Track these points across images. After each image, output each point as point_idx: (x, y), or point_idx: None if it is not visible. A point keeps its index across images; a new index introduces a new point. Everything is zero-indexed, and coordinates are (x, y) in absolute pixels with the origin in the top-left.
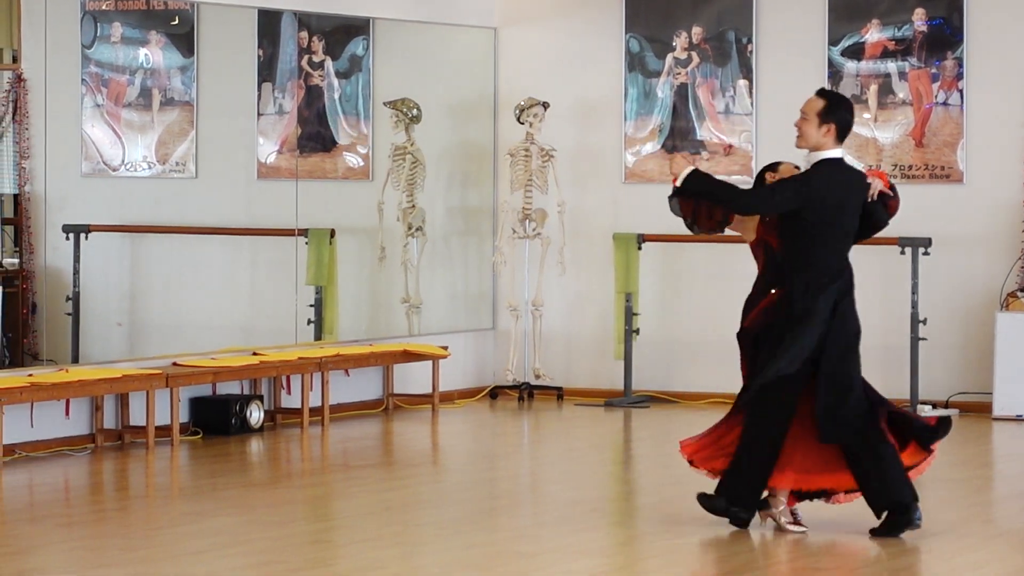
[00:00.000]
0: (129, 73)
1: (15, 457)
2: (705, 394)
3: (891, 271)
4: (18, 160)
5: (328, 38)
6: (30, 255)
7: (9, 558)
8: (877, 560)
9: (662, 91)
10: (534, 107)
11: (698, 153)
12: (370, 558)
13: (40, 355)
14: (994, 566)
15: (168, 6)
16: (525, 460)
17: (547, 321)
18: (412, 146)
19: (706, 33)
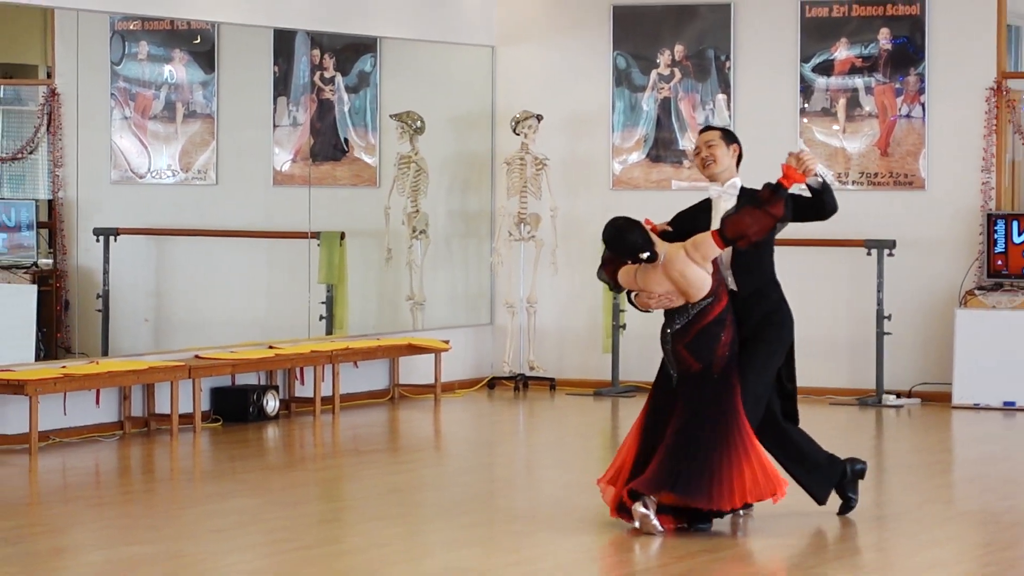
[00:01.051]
0: (155, 88)
1: (49, 443)
2: None
3: (858, 271)
4: (52, 168)
5: (338, 55)
6: (63, 256)
7: (45, 536)
8: (845, 537)
9: (647, 104)
10: (529, 119)
11: (679, 163)
12: (377, 536)
13: (72, 348)
14: (954, 543)
15: (191, 26)
16: (520, 445)
17: (541, 317)
18: (416, 155)
19: (687, 51)
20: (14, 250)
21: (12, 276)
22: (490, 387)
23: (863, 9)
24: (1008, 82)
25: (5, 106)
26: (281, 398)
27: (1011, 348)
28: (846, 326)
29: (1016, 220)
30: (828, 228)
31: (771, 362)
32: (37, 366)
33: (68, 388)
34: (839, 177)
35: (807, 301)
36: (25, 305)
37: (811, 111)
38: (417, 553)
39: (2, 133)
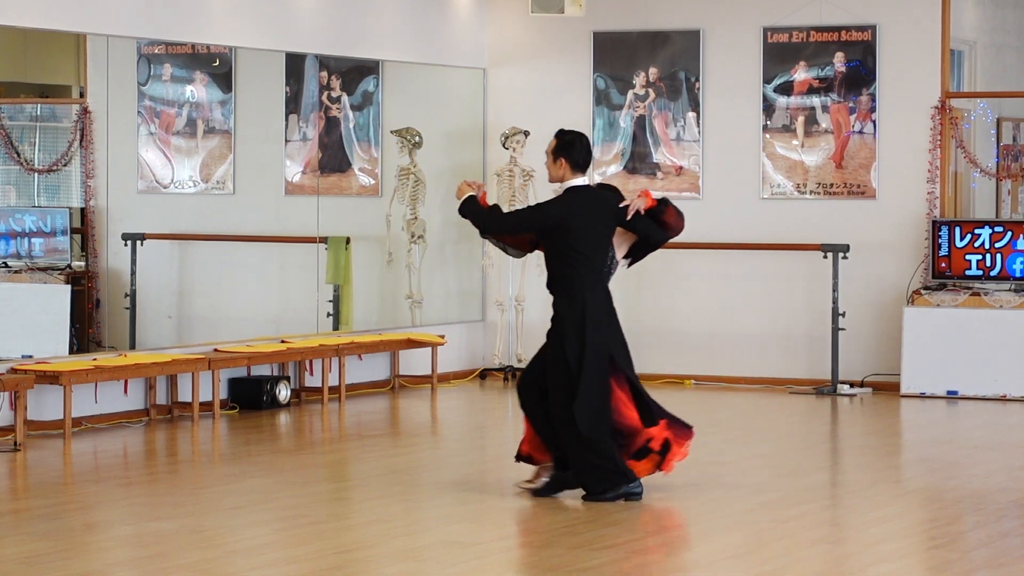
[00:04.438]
0: (177, 106)
1: (82, 429)
2: (660, 375)
3: (815, 272)
4: (85, 179)
5: (344, 77)
6: (94, 259)
7: (78, 512)
8: (803, 514)
9: (624, 121)
10: (517, 135)
11: (654, 175)
12: (380, 512)
13: (103, 343)
14: (903, 519)
15: (210, 50)
16: (509, 431)
17: (528, 314)
18: (415, 168)
19: (661, 73)
20: (50, 253)
21: (48, 277)
22: (481, 378)
23: (820, 35)
24: (951, 101)
25: (42, 123)
26: (292, 387)
27: (954, 342)
28: (804, 322)
29: (959, 226)
30: (788, 233)
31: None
32: (71, 359)
33: (99, 379)
34: (798, 187)
35: (768, 299)
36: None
37: (773, 127)
38: (416, 528)
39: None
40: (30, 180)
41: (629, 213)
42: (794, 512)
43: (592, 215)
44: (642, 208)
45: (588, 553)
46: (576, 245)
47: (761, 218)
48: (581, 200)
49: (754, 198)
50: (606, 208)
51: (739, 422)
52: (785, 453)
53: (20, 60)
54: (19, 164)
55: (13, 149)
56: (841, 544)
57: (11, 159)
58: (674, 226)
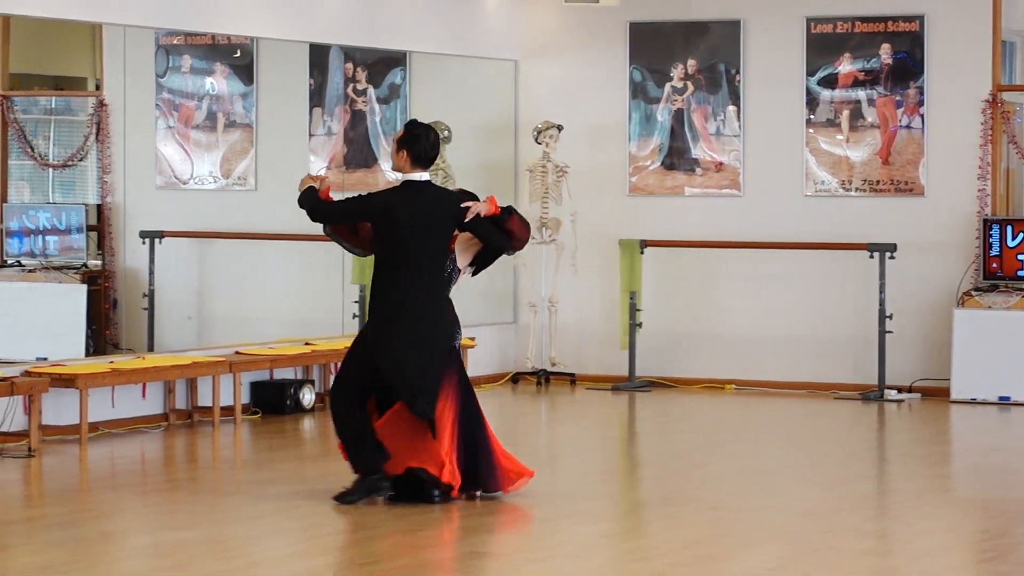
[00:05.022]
0: (197, 99)
1: (98, 434)
2: (700, 379)
3: (861, 273)
4: (101, 175)
5: (370, 69)
6: (111, 257)
7: (94, 521)
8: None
9: (661, 115)
10: (550, 129)
11: (692, 171)
12: (405, 521)
13: (120, 344)
14: (952, 530)
15: (231, 41)
16: (542, 436)
17: (561, 316)
18: (443, 163)
19: (700, 65)
20: (65, 252)
21: (63, 276)
22: (514, 382)
23: (865, 25)
24: (1003, 94)
25: (56, 116)
26: (317, 391)
27: (1006, 346)
28: (849, 325)
29: (1011, 225)
30: (832, 232)
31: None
32: (87, 361)
33: (116, 382)
34: (843, 184)
35: (812, 301)
36: (76, 304)
37: (816, 122)
38: (444, 538)
39: (54, 142)
40: (44, 176)
41: (468, 215)
42: (838, 523)
43: (424, 212)
44: (483, 212)
45: (625, 565)
46: (402, 240)
47: (804, 216)
48: (414, 195)
49: (797, 195)
50: (442, 207)
51: (781, 429)
52: (829, 461)
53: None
54: (33, 159)
55: (27, 143)
56: (888, 556)
57: (25, 154)
58: (519, 235)
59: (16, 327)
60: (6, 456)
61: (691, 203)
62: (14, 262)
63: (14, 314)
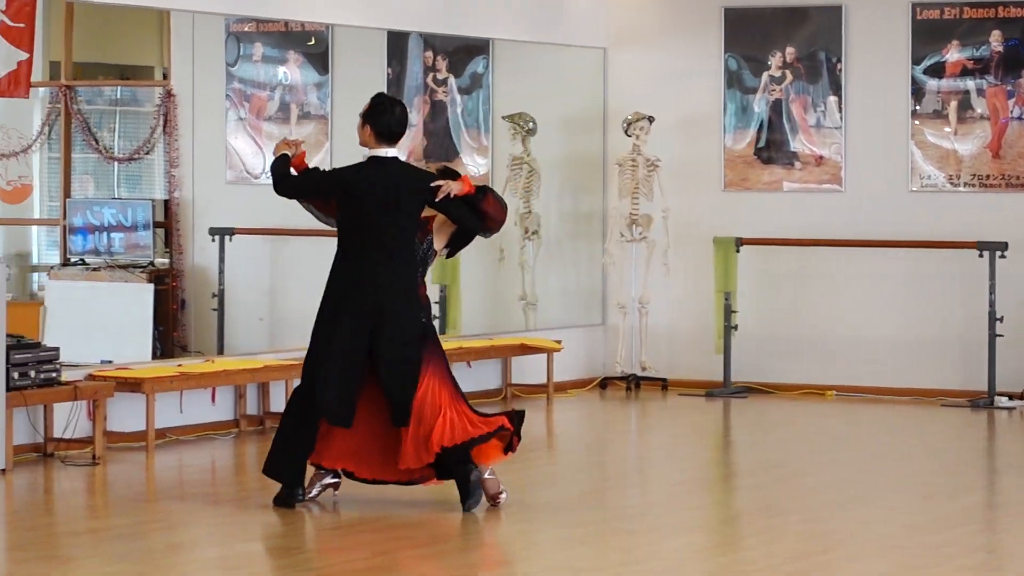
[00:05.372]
0: (269, 89)
1: (166, 440)
2: (799, 385)
3: (970, 272)
4: (168, 168)
5: (451, 57)
6: (179, 255)
7: (161, 532)
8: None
9: (758, 106)
10: (640, 121)
11: (791, 164)
12: (489, 535)
13: (188, 347)
14: None
15: (305, 28)
16: (632, 445)
17: (652, 317)
18: (528, 156)
19: (799, 53)
20: (131, 249)
21: (129, 275)
22: (602, 387)
23: (975, 11)
24: None
25: (122, 107)
26: None
27: None
28: (957, 327)
29: None
30: (939, 229)
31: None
32: (154, 364)
33: (184, 386)
34: (950, 179)
35: (918, 302)
36: (142, 304)
37: (922, 113)
38: (529, 551)
39: (119, 134)
40: (109, 170)
41: (439, 195)
42: (946, 537)
43: (389, 189)
44: (455, 191)
45: None
46: (365, 218)
47: (910, 213)
48: (379, 171)
49: (902, 191)
50: (410, 185)
51: (885, 437)
52: (936, 472)
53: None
54: (98, 152)
55: (91, 136)
56: (998, 572)
57: (89, 147)
58: (493, 216)
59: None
60: (69, 464)
61: (789, 199)
62: (78, 260)
63: (78, 315)
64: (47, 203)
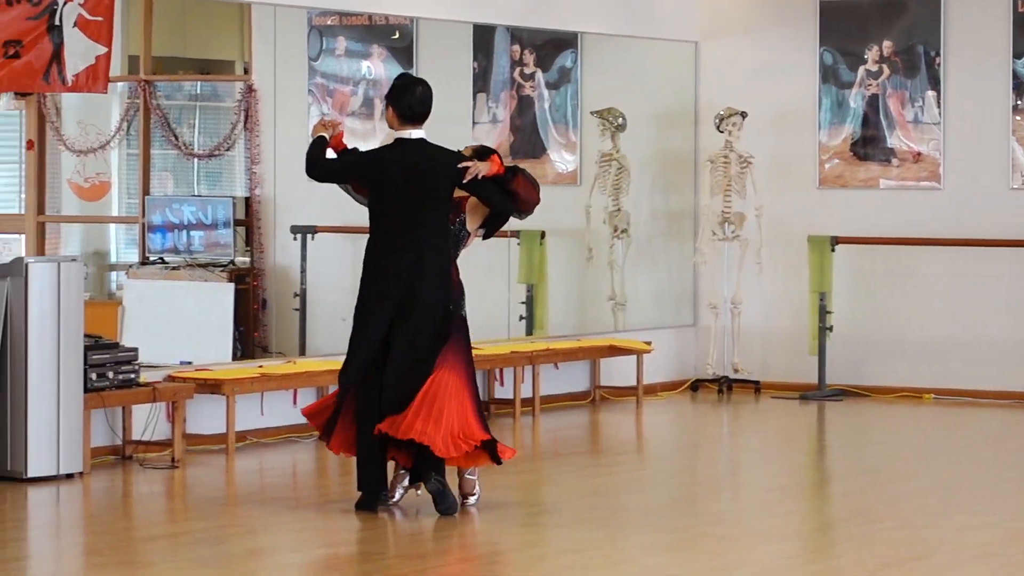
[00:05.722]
0: (352, 84)
1: (246, 443)
2: (895, 388)
3: None
4: (249, 165)
5: (539, 51)
6: (260, 254)
7: (241, 537)
8: None
9: (854, 101)
10: (733, 116)
11: (888, 161)
12: (577, 540)
13: (269, 348)
14: None
15: (389, 21)
16: (724, 449)
17: (745, 318)
18: (618, 153)
19: (896, 47)
20: (211, 248)
21: (209, 275)
22: (693, 389)
23: None
24: None
25: (202, 102)
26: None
27: None
28: None
29: None
30: None
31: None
32: (234, 365)
33: (265, 388)
34: None
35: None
36: (222, 304)
37: (1023, 108)
38: (617, 557)
39: (199, 130)
40: (189, 166)
41: (467, 176)
42: None
43: (415, 171)
44: (483, 172)
45: None
46: (392, 200)
47: (1010, 210)
48: (405, 153)
49: (1002, 188)
50: (437, 166)
51: (985, 442)
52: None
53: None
54: (177, 148)
55: (171, 132)
56: None
57: (168, 143)
58: (524, 198)
59: (158, 329)
60: (148, 467)
61: (886, 196)
62: (156, 259)
63: (156, 315)
64: (125, 200)
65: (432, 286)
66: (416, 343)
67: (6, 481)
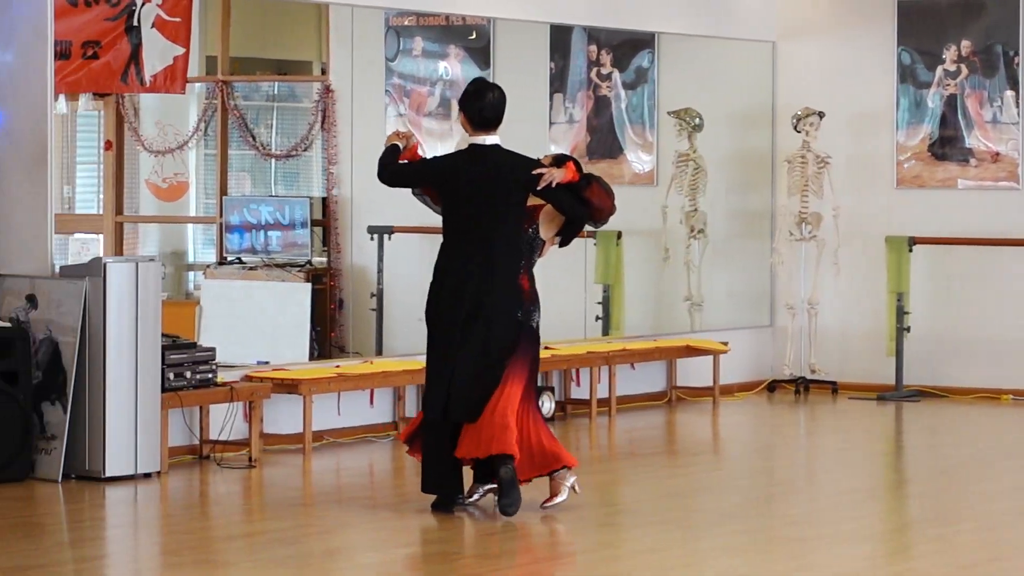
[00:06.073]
0: (429, 84)
1: (323, 443)
2: (973, 389)
3: None
4: (326, 165)
5: (616, 51)
6: (337, 254)
7: (318, 537)
8: None
9: (932, 101)
10: (810, 116)
11: (966, 161)
12: (652, 541)
13: (346, 348)
14: None
15: (466, 21)
16: (801, 450)
17: (822, 319)
18: (694, 153)
19: (975, 46)
20: (288, 248)
21: (286, 275)
22: (770, 390)
23: None
24: None
25: (280, 103)
26: (557, 399)
27: None
28: None
29: None
30: None
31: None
32: (311, 366)
33: (342, 388)
34: None
35: None
36: (300, 304)
37: None
38: (694, 558)
39: (276, 130)
40: (267, 166)
41: (541, 183)
42: None
43: (488, 178)
44: (558, 179)
45: None
46: (464, 207)
47: None
48: (478, 159)
49: None
50: (510, 173)
51: None
52: None
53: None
54: (255, 149)
55: (248, 132)
56: None
57: (246, 143)
58: (598, 206)
59: (236, 329)
60: (225, 467)
61: (964, 197)
62: (234, 259)
63: (234, 315)
64: (203, 201)
65: (503, 293)
66: (485, 350)
67: (84, 480)
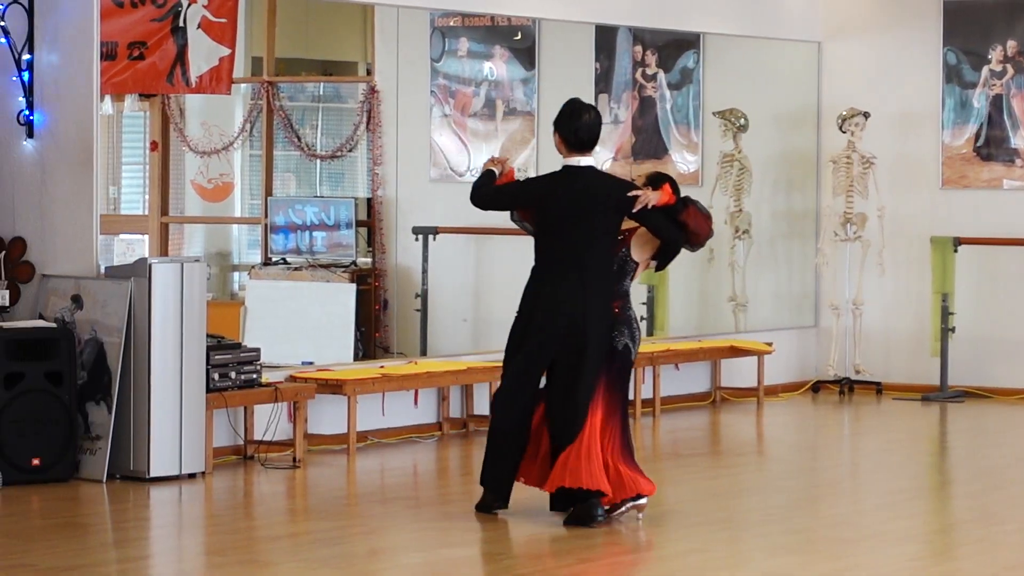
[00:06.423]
0: (475, 85)
1: (367, 443)
2: (1018, 389)
3: None
4: (371, 166)
5: (661, 52)
6: (382, 255)
7: (362, 537)
8: None
9: (978, 101)
10: (855, 117)
11: (1011, 161)
12: (697, 541)
13: (391, 348)
14: None
15: (511, 22)
16: (845, 451)
17: (867, 319)
18: (739, 153)
19: (1020, 46)
20: (333, 248)
21: (331, 275)
22: (814, 391)
23: None
24: None
25: (325, 103)
26: None
27: None
28: None
29: None
30: None
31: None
32: (355, 366)
33: (386, 388)
34: None
35: None
36: (344, 304)
37: None
38: (738, 559)
39: (321, 131)
40: (312, 167)
41: (636, 205)
42: None
43: (581, 200)
44: (653, 202)
45: None
46: (557, 229)
47: None
48: (571, 181)
49: None
50: (604, 195)
51: None
52: None
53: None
54: (300, 149)
55: (293, 133)
56: None
57: (291, 144)
58: (694, 229)
59: (281, 329)
60: (270, 467)
61: (1010, 197)
62: (279, 260)
63: (278, 315)
64: (248, 201)
65: (597, 319)
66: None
67: (129, 481)
